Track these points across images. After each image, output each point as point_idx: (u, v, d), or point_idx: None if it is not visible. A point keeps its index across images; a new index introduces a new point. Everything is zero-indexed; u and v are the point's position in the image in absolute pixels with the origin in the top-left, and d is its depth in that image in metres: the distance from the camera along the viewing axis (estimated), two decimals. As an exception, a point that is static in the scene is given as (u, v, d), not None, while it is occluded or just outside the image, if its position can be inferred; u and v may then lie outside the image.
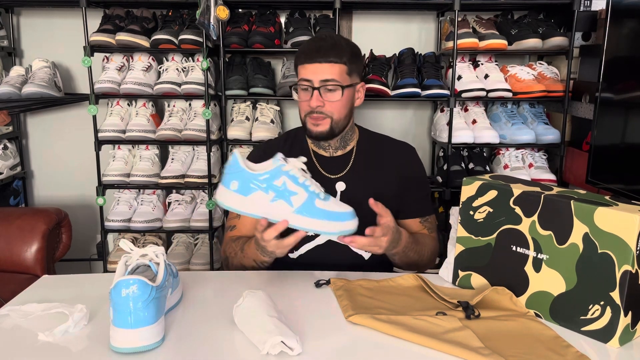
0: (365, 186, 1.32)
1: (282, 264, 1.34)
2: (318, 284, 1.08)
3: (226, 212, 2.26)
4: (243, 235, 1.32)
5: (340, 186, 1.33)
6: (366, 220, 1.27)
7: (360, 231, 1.11)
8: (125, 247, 0.92)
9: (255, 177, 1.02)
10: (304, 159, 1.08)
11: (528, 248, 0.98)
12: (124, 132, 2.17)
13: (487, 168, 2.21)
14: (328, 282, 1.09)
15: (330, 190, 1.32)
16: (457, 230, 1.10)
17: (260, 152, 1.39)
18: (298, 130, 1.43)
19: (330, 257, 1.31)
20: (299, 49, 1.33)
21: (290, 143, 1.41)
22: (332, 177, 1.34)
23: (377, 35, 2.40)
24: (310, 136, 1.33)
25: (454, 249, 1.12)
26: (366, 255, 1.33)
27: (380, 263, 1.37)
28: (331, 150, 1.37)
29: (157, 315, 0.83)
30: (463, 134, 2.13)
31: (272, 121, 2.23)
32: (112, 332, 0.81)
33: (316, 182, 1.07)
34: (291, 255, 1.33)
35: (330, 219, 1.02)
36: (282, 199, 1.02)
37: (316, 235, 1.32)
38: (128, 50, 2.20)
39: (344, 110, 1.30)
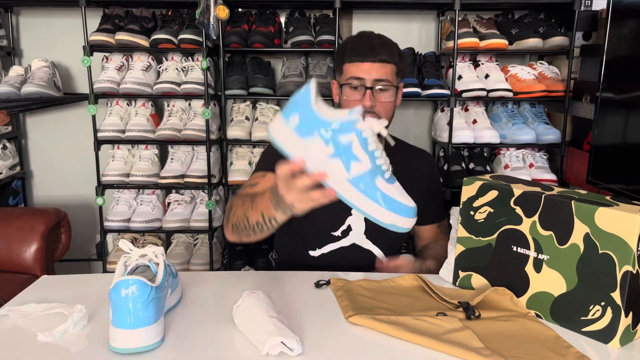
0: None
1: (300, 261, 1.33)
2: (318, 284, 1.08)
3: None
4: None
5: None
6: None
7: (381, 231, 1.08)
8: (124, 247, 0.91)
9: (322, 122, 0.83)
10: (385, 122, 0.90)
11: (529, 248, 0.97)
12: (123, 131, 2.17)
13: (488, 168, 2.21)
14: (328, 283, 1.08)
15: None
16: (458, 230, 1.09)
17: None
18: None
19: (352, 260, 1.30)
20: (344, 46, 1.30)
21: None
22: None
23: (377, 35, 2.40)
24: None
25: (454, 249, 1.11)
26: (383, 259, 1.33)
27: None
28: None
29: (156, 315, 0.83)
30: (463, 134, 2.13)
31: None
32: (112, 333, 0.81)
33: (387, 158, 0.89)
34: (312, 253, 1.32)
35: (386, 206, 0.85)
36: (341, 159, 0.83)
37: (343, 237, 1.30)
38: (127, 49, 2.20)
39: (392, 111, 1.30)
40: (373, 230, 1.30)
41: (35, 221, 1.88)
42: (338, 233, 1.30)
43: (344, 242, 1.30)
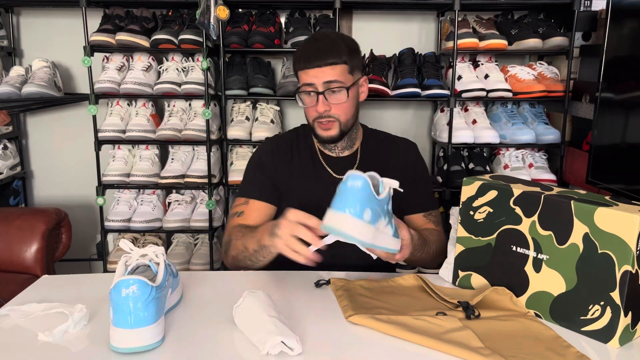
0: None
1: (288, 263, 1.34)
2: (318, 284, 1.08)
3: (226, 212, 2.26)
4: (250, 223, 1.30)
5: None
6: None
7: None
8: (125, 247, 0.91)
9: (380, 203, 0.93)
10: (396, 182, 0.98)
11: (528, 248, 0.98)
12: (123, 132, 2.17)
13: (487, 168, 2.21)
14: (328, 282, 1.08)
15: None
16: (457, 230, 1.09)
17: (273, 145, 1.39)
18: (306, 127, 1.42)
19: (338, 258, 1.31)
20: (295, 53, 1.30)
21: (298, 141, 1.40)
22: (340, 177, 1.34)
23: (377, 35, 2.40)
24: (320, 141, 1.32)
25: (454, 249, 1.12)
26: (374, 255, 1.33)
27: (388, 264, 1.36)
28: (337, 151, 1.36)
29: (157, 315, 0.83)
30: (463, 134, 2.13)
31: (272, 121, 2.23)
32: (112, 332, 0.81)
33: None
34: None
35: (396, 238, 1.00)
36: (390, 224, 0.97)
37: (324, 235, 1.31)
38: (128, 50, 2.20)
39: (351, 110, 1.29)
40: None
41: (35, 221, 1.88)
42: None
43: (327, 240, 1.30)
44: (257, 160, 1.39)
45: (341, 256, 1.31)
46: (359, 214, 0.88)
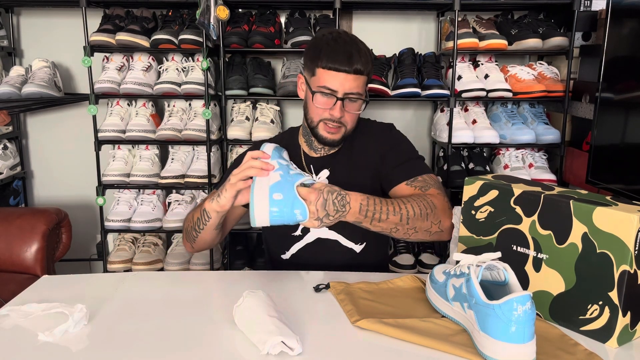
0: (348, 176, 1.31)
1: (275, 265, 1.35)
2: (317, 289, 1.07)
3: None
4: None
5: (325, 173, 1.27)
6: None
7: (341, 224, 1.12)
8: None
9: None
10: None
11: (528, 248, 0.98)
12: (124, 132, 2.17)
13: (487, 168, 2.21)
14: (327, 287, 1.08)
15: None
16: (459, 229, 1.10)
17: (256, 148, 1.40)
18: (293, 130, 1.44)
19: (322, 255, 1.32)
20: (318, 47, 1.24)
21: (284, 143, 1.40)
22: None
23: (377, 35, 2.40)
24: (321, 142, 1.30)
25: (455, 249, 1.12)
26: (357, 248, 1.33)
27: (375, 257, 1.37)
28: (323, 151, 1.36)
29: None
30: (463, 134, 2.13)
31: (272, 121, 2.24)
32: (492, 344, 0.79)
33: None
34: (283, 257, 1.34)
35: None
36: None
37: (304, 235, 1.32)
38: (128, 50, 2.20)
39: (357, 118, 1.30)
40: None
41: (36, 221, 1.88)
42: (298, 232, 1.31)
43: (308, 239, 1.32)
44: (237, 161, 1.38)
45: (324, 253, 1.32)
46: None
